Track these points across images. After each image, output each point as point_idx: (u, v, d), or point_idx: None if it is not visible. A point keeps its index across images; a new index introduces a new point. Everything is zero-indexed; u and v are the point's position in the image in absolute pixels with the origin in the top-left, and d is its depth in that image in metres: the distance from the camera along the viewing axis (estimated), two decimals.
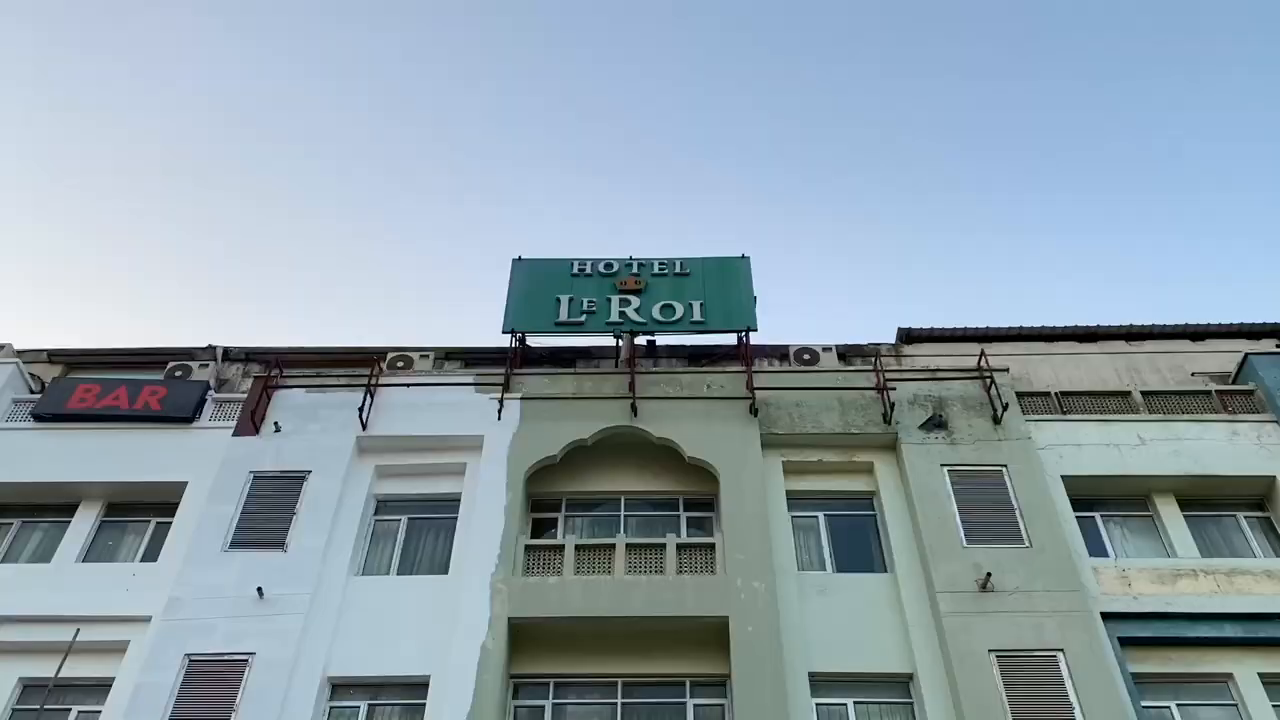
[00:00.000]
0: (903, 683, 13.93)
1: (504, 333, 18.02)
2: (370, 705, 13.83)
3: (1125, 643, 13.87)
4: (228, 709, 13.05)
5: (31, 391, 17.84)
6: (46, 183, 53.50)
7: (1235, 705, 13.63)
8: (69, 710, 13.85)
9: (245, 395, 17.23)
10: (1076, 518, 15.41)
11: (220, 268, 56.63)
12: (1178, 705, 13.68)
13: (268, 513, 15.33)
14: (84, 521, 15.98)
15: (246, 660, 13.55)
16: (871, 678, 13.95)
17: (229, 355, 19.29)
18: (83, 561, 15.44)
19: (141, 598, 14.41)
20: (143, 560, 15.44)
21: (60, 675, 12.62)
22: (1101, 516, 15.89)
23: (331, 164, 55.86)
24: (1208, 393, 17.26)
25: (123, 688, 13.49)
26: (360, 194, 56.42)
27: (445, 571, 15.07)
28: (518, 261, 18.99)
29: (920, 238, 55.74)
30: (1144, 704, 13.37)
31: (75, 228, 56.77)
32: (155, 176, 54.67)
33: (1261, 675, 13.75)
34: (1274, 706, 13.49)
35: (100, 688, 13.80)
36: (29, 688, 13.96)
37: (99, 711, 13.52)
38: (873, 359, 18.46)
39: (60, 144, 52.76)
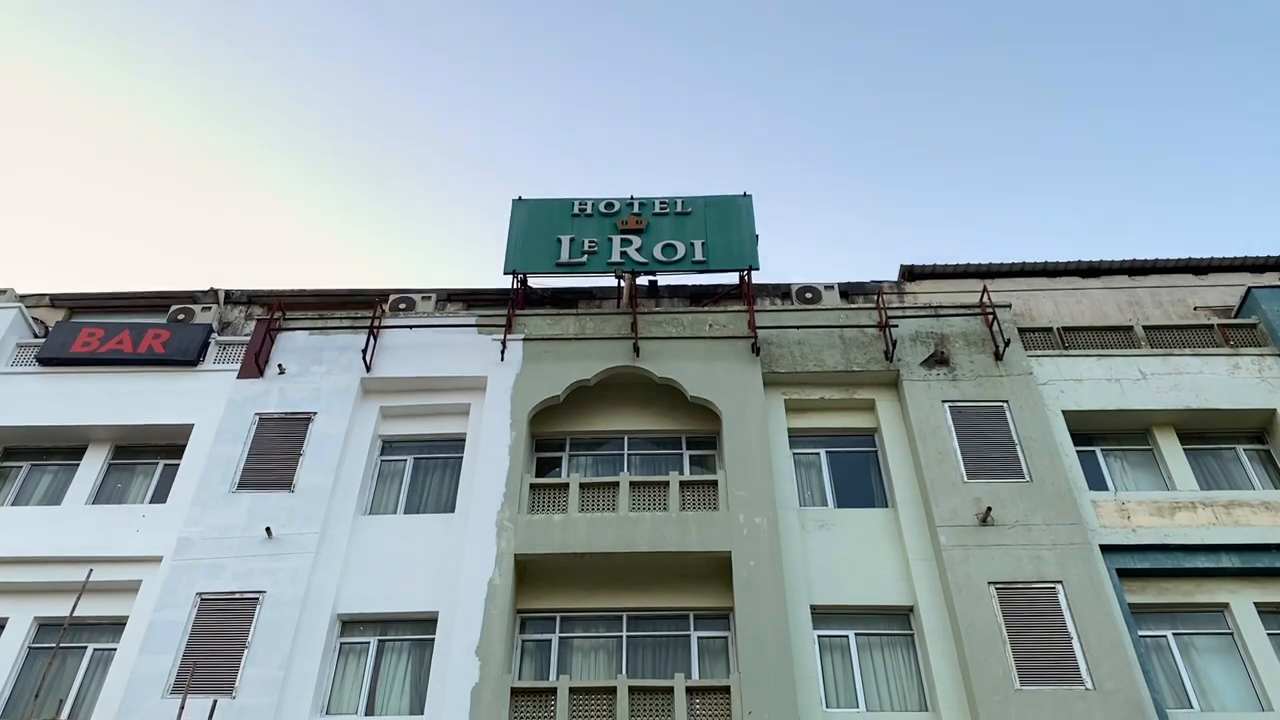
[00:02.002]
0: (903, 615, 14.14)
1: (505, 274, 17.99)
2: (380, 641, 14.09)
3: (1123, 574, 14.06)
4: (240, 645, 13.29)
5: (35, 336, 17.89)
6: (42, 126, 53.04)
7: (1231, 634, 13.85)
8: (85, 648, 14.12)
9: (248, 338, 17.27)
10: (1077, 452, 15.50)
11: (220, 210, 56.37)
12: (1174, 634, 13.90)
13: (274, 454, 15.47)
14: (92, 464, 16.14)
15: (257, 598, 13.77)
16: (872, 610, 14.16)
17: (231, 298, 19.29)
18: (92, 504, 15.64)
19: (152, 538, 14.61)
20: (152, 502, 15.63)
21: (75, 614, 12.83)
22: (1102, 451, 15.99)
23: (329, 106, 55.29)
24: (1210, 326, 17.25)
25: (136, 626, 13.75)
26: (359, 134, 55.92)
27: (451, 510, 15.24)
28: (518, 202, 18.88)
29: (924, 175, 55.30)
30: (1141, 633, 13.58)
31: (72, 170, 56.43)
32: (154, 120, 54.19)
33: (1257, 604, 13.96)
34: (1269, 635, 13.71)
35: (114, 626, 14.08)
36: (44, 626, 14.23)
37: (114, 649, 13.81)
38: (875, 296, 18.42)
39: (57, 87, 52.21)
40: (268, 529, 14.39)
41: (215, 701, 12.01)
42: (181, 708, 11.54)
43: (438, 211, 61.43)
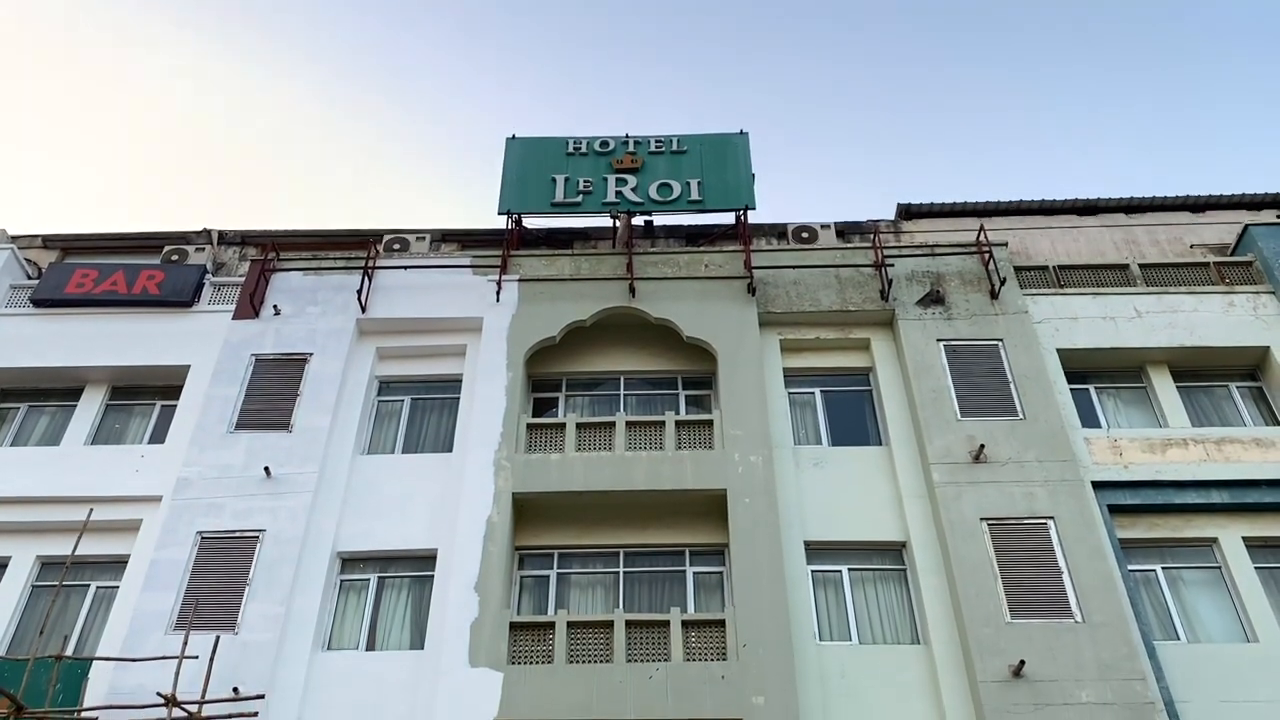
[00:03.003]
0: (896, 551, 14.33)
1: (499, 214, 17.87)
2: (380, 578, 14.27)
3: (1114, 510, 14.23)
4: (241, 583, 13.45)
5: (28, 277, 17.80)
6: (33, 65, 52.23)
7: (1219, 567, 14.07)
8: (88, 585, 14.29)
9: (243, 279, 17.20)
10: (1071, 390, 15.59)
11: (212, 150, 55.79)
12: (1163, 569, 14.11)
13: (271, 394, 15.50)
14: (90, 405, 16.18)
15: (257, 537, 13.90)
16: (865, 546, 14.34)
17: (224, 239, 19.17)
18: (91, 444, 15.69)
19: (151, 478, 14.70)
20: (150, 442, 15.69)
21: (76, 553, 12.93)
22: (1095, 388, 16.09)
23: (319, 44, 54.45)
24: (1206, 264, 17.24)
25: (138, 564, 13.90)
26: (351, 71, 55.16)
27: (449, 450, 15.32)
28: (512, 140, 18.70)
29: (921, 112, 54.75)
30: (1130, 568, 13.79)
31: (60, 108, 55.72)
32: (142, 60, 53.37)
33: (1245, 539, 14.16)
34: (1257, 569, 13.93)
35: (116, 564, 14.23)
36: (47, 565, 14.39)
37: (116, 586, 13.97)
38: (871, 236, 18.35)
39: (47, 28, 51.31)
40: (266, 468, 14.48)
41: (218, 637, 12.16)
42: (185, 643, 11.69)
43: (431, 151, 60.88)
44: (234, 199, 58.79)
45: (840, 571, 14.14)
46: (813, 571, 14.02)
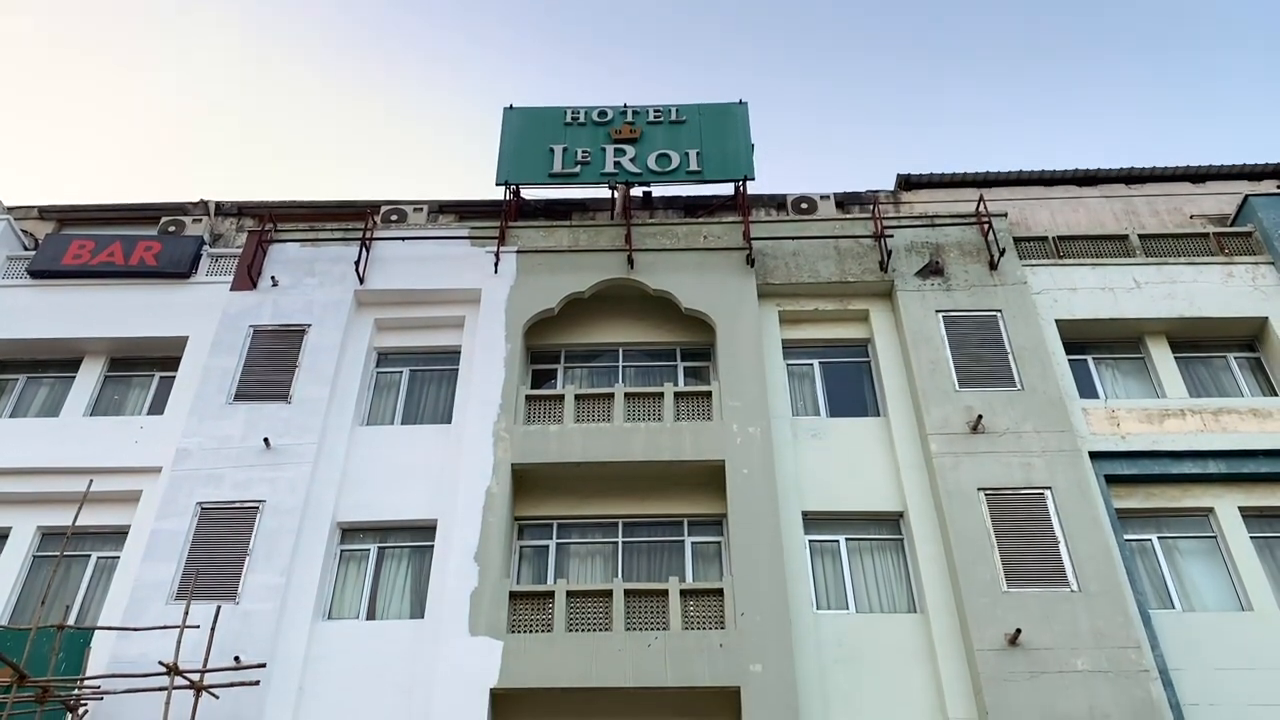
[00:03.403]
0: (893, 520, 14.38)
1: (497, 185, 17.73)
2: (380, 548, 14.32)
3: (1111, 480, 14.27)
4: (241, 553, 13.50)
5: (25, 248, 17.73)
6: (29, 35, 51.78)
7: (1214, 537, 14.13)
8: (88, 556, 14.35)
9: (240, 250, 17.14)
10: (1069, 360, 15.60)
11: (207, 121, 55.45)
12: (1159, 538, 14.17)
13: (269, 366, 15.48)
14: (88, 377, 16.17)
15: (257, 507, 13.93)
16: (863, 516, 14.39)
17: (221, 210, 19.09)
18: (90, 415, 15.70)
19: (150, 449, 14.71)
20: (149, 413, 15.69)
21: (77, 524, 12.96)
22: (1094, 359, 16.09)
23: (317, 13, 53.97)
24: (1205, 235, 17.19)
25: (138, 534, 13.94)
26: (349, 43, 54.71)
27: (448, 421, 15.34)
28: (509, 110, 18.55)
29: (921, 82, 54.40)
30: (1126, 537, 13.85)
31: (57, 80, 55.30)
32: (139, 31, 52.90)
33: (1241, 508, 14.21)
34: (1252, 538, 13.99)
35: (117, 535, 14.28)
36: (47, 536, 14.44)
37: (117, 557, 14.02)
38: (871, 206, 18.27)
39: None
40: (265, 439, 14.49)
41: (219, 607, 12.20)
42: (186, 613, 11.73)
43: (429, 121, 60.50)
44: (231, 170, 58.51)
45: (838, 541, 14.20)
46: (810, 541, 14.08)
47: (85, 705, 11.79)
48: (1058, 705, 11.96)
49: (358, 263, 16.54)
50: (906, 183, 19.43)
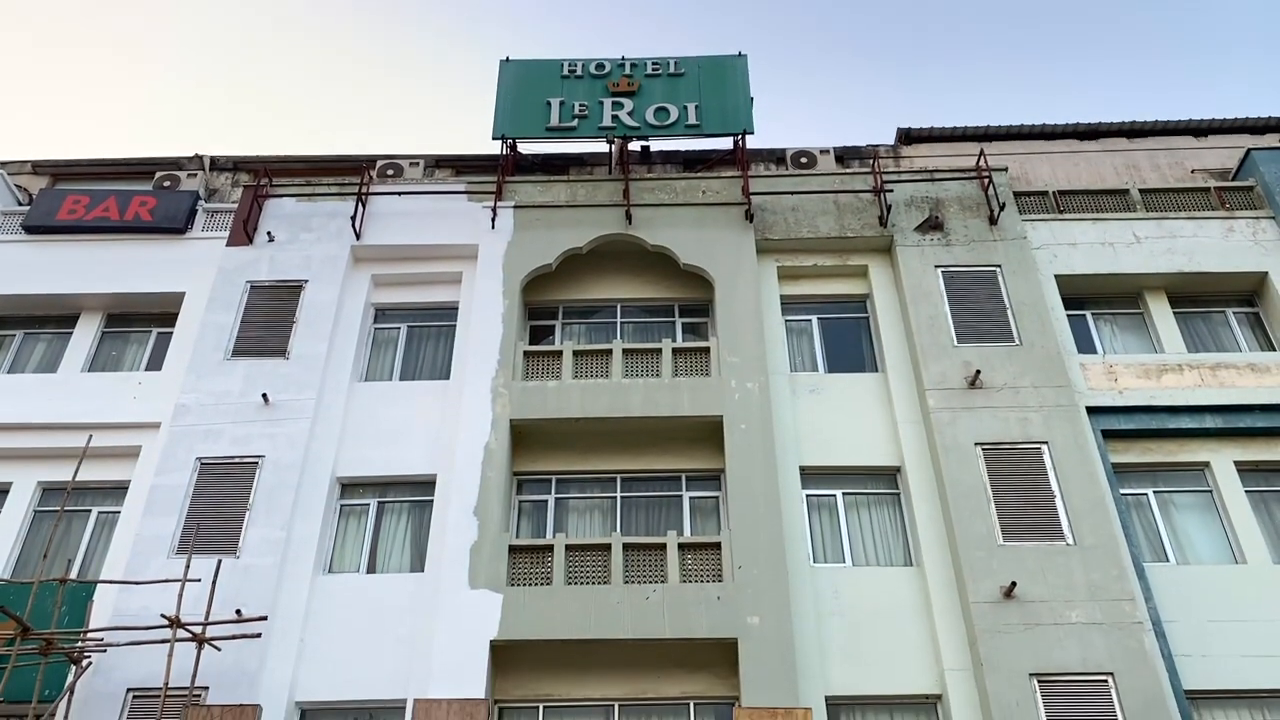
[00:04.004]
0: (890, 475, 14.43)
1: (494, 139, 17.57)
2: (379, 502, 14.37)
3: (1108, 435, 14.29)
4: (241, 508, 13.54)
5: (19, 203, 17.61)
6: None
7: (1210, 491, 14.19)
8: (89, 511, 14.40)
9: (236, 205, 17.00)
10: (1068, 316, 15.56)
11: (201, 76, 54.85)
12: (1154, 492, 14.23)
13: (267, 322, 15.43)
14: (85, 333, 16.13)
15: (256, 462, 13.96)
16: (860, 470, 14.43)
17: (216, 164, 18.93)
18: (88, 371, 15.68)
19: (149, 405, 14.72)
20: (147, 369, 15.67)
21: (77, 479, 13.02)
22: (1092, 314, 16.06)
23: None
24: (1206, 190, 17.06)
25: (139, 489, 13.98)
26: None
27: (446, 377, 15.33)
28: (506, 63, 18.32)
29: (922, 36, 53.79)
30: (1123, 492, 13.90)
31: (49, 33, 54.63)
32: None
33: (1237, 463, 14.26)
34: (1247, 492, 14.06)
35: (117, 490, 14.32)
36: (48, 491, 14.46)
37: (118, 512, 14.07)
38: (870, 161, 18.13)
39: None
40: (264, 395, 14.47)
41: (220, 561, 12.30)
42: (187, 567, 11.83)
43: (424, 75, 59.88)
44: (226, 125, 57.96)
45: (835, 496, 14.26)
46: (807, 496, 14.13)
47: (89, 657, 11.91)
48: (1051, 656, 12.07)
49: (354, 218, 16.43)
50: (906, 137, 19.28)
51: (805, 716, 11.43)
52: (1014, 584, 12.50)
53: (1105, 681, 11.90)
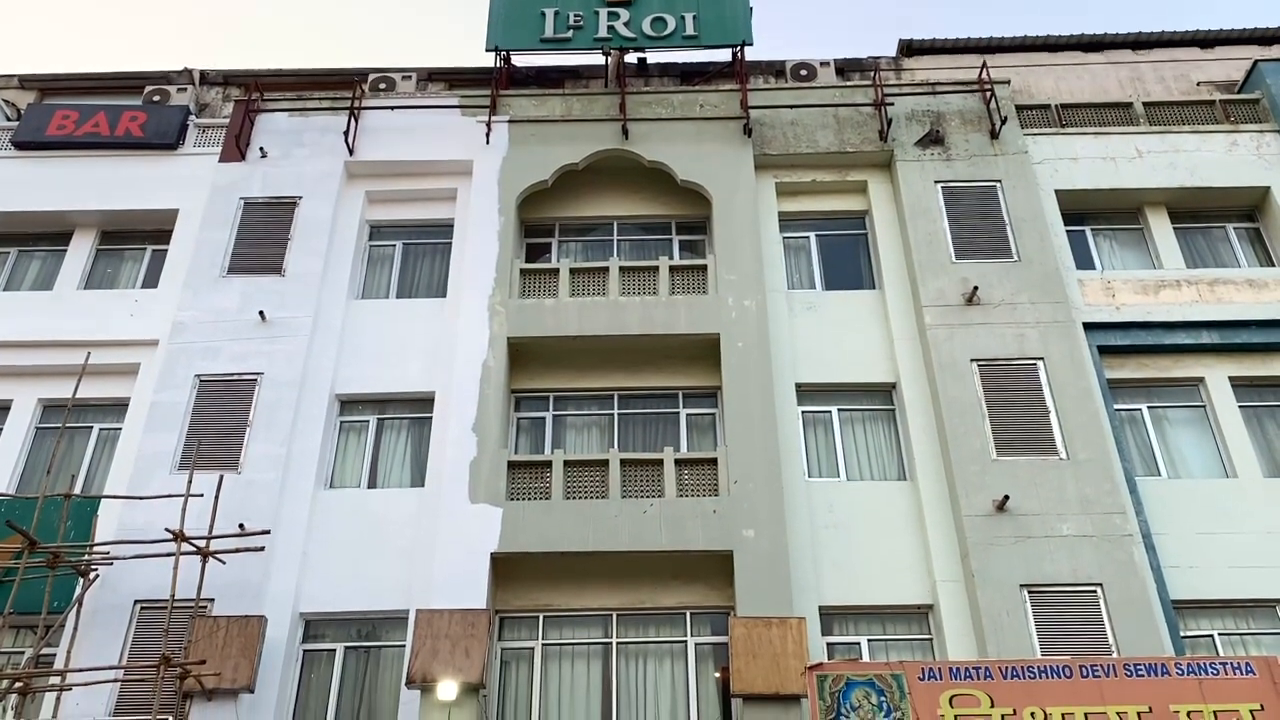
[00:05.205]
0: (885, 392, 14.47)
1: (487, 50, 17.19)
2: (379, 419, 14.44)
3: (1104, 351, 14.28)
4: (242, 424, 13.61)
5: (7, 119, 17.32)
6: None
7: (1203, 407, 14.25)
8: (90, 428, 14.45)
9: (227, 120, 16.72)
10: (1067, 232, 15.43)
11: None
12: (1148, 408, 14.30)
13: (262, 238, 15.30)
14: (80, 250, 15.98)
15: (255, 379, 13.98)
16: (855, 387, 14.47)
17: (206, 78, 18.55)
18: (84, 289, 15.57)
19: (146, 322, 14.67)
20: (143, 286, 15.57)
21: (77, 396, 13.06)
22: (1091, 230, 15.92)
23: None
24: (1211, 103, 16.78)
25: (139, 406, 14.00)
26: None
27: (443, 295, 15.26)
28: None
29: None
30: (1117, 407, 13.96)
31: None
32: None
33: (1231, 378, 14.28)
34: (1240, 407, 14.13)
35: (117, 407, 14.34)
36: (49, 408, 14.48)
37: (119, 428, 14.12)
38: (872, 74, 17.79)
39: None
40: (261, 312, 14.42)
41: (222, 476, 12.40)
42: (189, 482, 11.94)
43: None
44: (214, 38, 56.75)
45: (830, 412, 14.33)
46: (803, 412, 14.20)
47: (95, 570, 12.10)
48: (1042, 568, 12.27)
49: (346, 133, 16.18)
50: (909, 48, 18.88)
51: (799, 626, 11.66)
52: (1006, 498, 12.65)
53: (1094, 592, 12.11)
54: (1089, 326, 14.34)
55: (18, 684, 10.82)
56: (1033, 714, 9.39)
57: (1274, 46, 18.27)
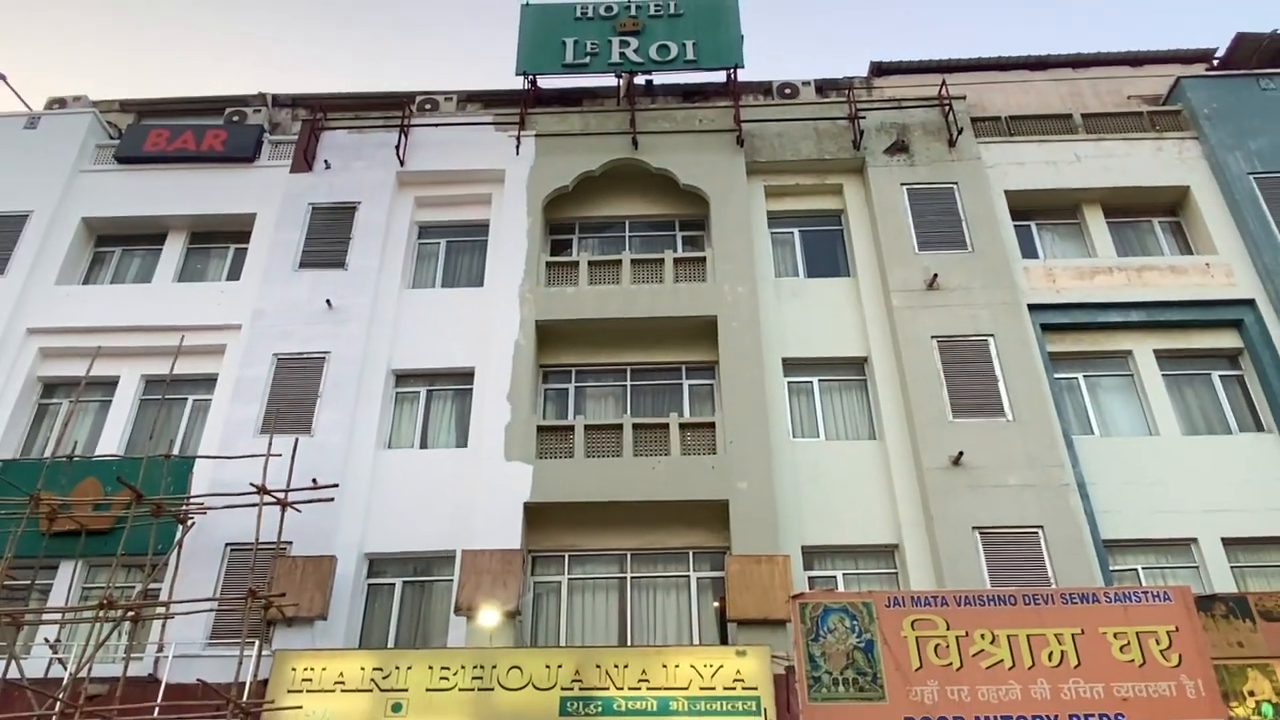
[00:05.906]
0: (858, 364, 14.55)
1: (517, 75, 17.23)
2: (429, 390, 14.60)
3: (1046, 328, 14.32)
4: (313, 394, 13.81)
5: (110, 138, 17.46)
6: None
7: (1131, 375, 14.30)
8: (185, 399, 14.65)
9: (296, 137, 16.83)
10: (1014, 226, 15.42)
11: (261, 19, 53.41)
12: (1084, 376, 14.34)
13: (327, 238, 15.44)
14: (173, 249, 16.15)
15: (324, 357, 14.15)
16: (833, 361, 14.54)
17: (278, 101, 18.61)
18: (177, 282, 15.75)
19: (231, 310, 14.83)
20: (227, 280, 15.72)
21: (174, 373, 13.26)
22: (1036, 224, 15.90)
23: None
24: (1140, 114, 16.69)
25: (226, 381, 14.21)
26: None
27: (481, 284, 15.37)
28: (526, 7, 17.81)
29: None
30: (1056, 376, 14.01)
31: None
32: None
33: (1155, 351, 14.33)
34: (1163, 375, 14.18)
35: (208, 381, 14.53)
36: (151, 383, 14.68)
37: (210, 399, 14.32)
38: (846, 91, 17.75)
39: None
40: (328, 301, 14.59)
41: (297, 439, 12.58)
42: (270, 444, 12.13)
43: (455, 17, 58.18)
44: (283, 65, 56.68)
45: (811, 382, 14.43)
46: (789, 382, 14.30)
47: (192, 518, 12.32)
48: (991, 513, 12.38)
49: (398, 147, 16.28)
50: (879, 69, 18.77)
51: (785, 562, 11.84)
52: (961, 454, 12.74)
53: (1036, 533, 12.22)
54: (1033, 307, 14.36)
55: (130, 613, 11.08)
56: (982, 635, 9.47)
57: (1195, 65, 18.11)
